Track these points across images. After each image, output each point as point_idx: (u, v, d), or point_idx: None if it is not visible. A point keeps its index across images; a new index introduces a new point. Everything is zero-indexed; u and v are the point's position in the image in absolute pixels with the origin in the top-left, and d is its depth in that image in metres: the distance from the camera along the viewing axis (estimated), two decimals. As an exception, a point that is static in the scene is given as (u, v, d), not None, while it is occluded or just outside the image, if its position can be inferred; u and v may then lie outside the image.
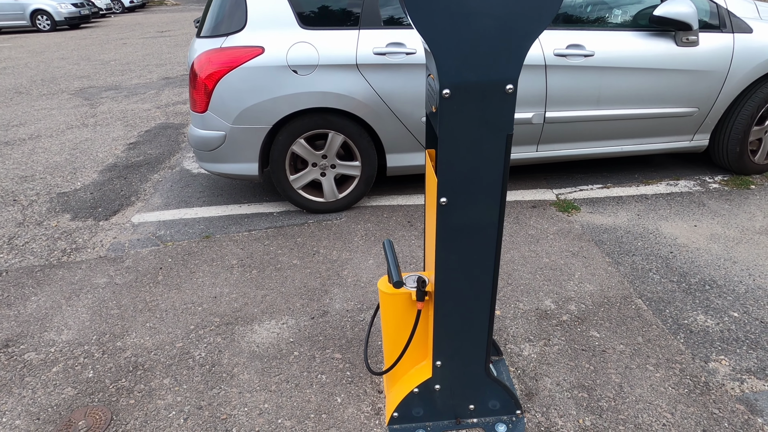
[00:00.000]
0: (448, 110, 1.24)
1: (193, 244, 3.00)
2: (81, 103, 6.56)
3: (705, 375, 1.90)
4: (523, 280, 2.51)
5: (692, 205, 3.16)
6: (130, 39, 13.17)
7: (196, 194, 3.68)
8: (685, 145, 3.32)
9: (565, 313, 2.26)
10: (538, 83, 2.94)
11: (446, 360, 1.63)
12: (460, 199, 1.35)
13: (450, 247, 1.42)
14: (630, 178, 3.57)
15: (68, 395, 1.95)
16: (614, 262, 2.62)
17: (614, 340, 2.09)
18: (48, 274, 2.77)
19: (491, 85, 1.22)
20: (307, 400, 1.88)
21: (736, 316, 2.20)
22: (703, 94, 3.08)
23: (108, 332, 2.29)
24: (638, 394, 1.83)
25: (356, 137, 3.02)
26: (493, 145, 1.29)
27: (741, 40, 3.00)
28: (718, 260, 2.60)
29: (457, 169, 1.31)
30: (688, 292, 2.37)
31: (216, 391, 1.94)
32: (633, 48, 2.94)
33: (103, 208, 3.54)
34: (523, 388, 1.89)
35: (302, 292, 2.50)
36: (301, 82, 2.84)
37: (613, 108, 3.06)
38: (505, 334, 2.16)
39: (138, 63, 9.41)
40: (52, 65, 9.53)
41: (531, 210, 3.19)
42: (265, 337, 2.21)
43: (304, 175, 3.12)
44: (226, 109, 2.90)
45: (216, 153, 3.03)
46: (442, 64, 1.20)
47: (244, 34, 2.86)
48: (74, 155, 4.61)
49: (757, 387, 1.84)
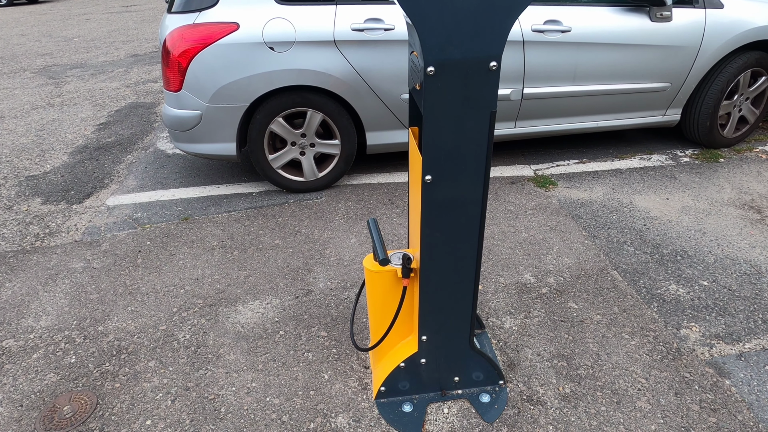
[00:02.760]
0: (433, 88, 1.25)
1: (171, 226, 2.96)
2: (45, 82, 6.31)
3: (677, 341, 1.99)
4: (504, 255, 2.56)
5: (664, 178, 3.25)
6: (93, 14, 12.63)
7: (172, 175, 3.61)
8: (658, 120, 3.39)
9: (544, 286, 2.33)
10: (516, 59, 2.95)
11: (432, 334, 1.67)
12: (445, 176, 1.37)
13: (435, 224, 1.44)
14: (605, 153, 3.64)
15: (51, 381, 1.93)
16: (591, 236, 2.69)
17: (591, 310, 2.17)
18: (21, 259, 2.70)
19: (475, 62, 1.23)
20: (294, 378, 1.90)
21: (705, 285, 2.30)
22: (676, 69, 3.14)
23: (88, 317, 2.26)
24: (614, 361, 1.91)
25: (335, 115, 2.99)
26: (477, 123, 1.30)
27: (712, 16, 3.05)
28: (688, 232, 2.70)
29: (442, 147, 1.32)
30: (660, 262, 2.46)
31: (203, 372, 1.95)
32: (609, 23, 2.97)
33: (76, 191, 3.45)
34: (505, 359, 1.95)
35: (285, 271, 2.50)
36: (277, 60, 2.79)
37: (588, 84, 3.10)
38: (486, 308, 2.21)
39: (103, 40, 9.06)
40: (11, 42, 9.11)
41: (509, 186, 3.23)
42: (250, 317, 2.21)
43: (283, 154, 3.09)
44: (201, 88, 2.83)
45: (192, 133, 2.97)
46: (426, 41, 1.20)
47: (218, 10, 2.78)
48: (41, 137, 4.45)
49: (725, 351, 1.94)
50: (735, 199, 2.98)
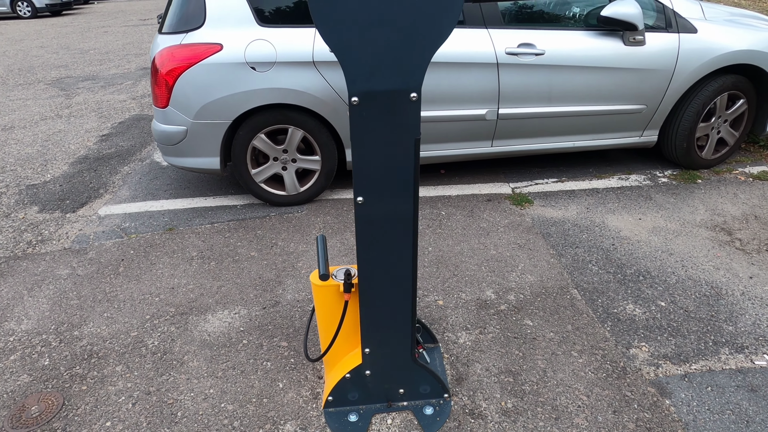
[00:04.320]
0: (358, 116, 1.34)
1: (156, 236, 3.08)
2: (57, 93, 6.56)
3: (624, 360, 2.04)
4: (469, 272, 2.62)
5: (640, 198, 3.29)
6: (111, 27, 13.05)
7: (163, 186, 3.75)
8: (635, 141, 3.44)
9: (503, 303, 2.39)
10: (490, 81, 3.03)
11: (374, 347, 1.75)
12: (375, 198, 1.45)
13: (369, 242, 1.53)
14: (584, 172, 3.69)
15: (23, 382, 2.05)
16: (557, 254, 2.74)
17: (546, 328, 2.22)
18: (12, 265, 2.84)
19: (397, 94, 1.32)
20: (250, 386, 1.99)
21: (663, 306, 2.34)
22: (651, 91, 3.19)
23: (66, 322, 2.37)
24: (560, 378, 1.96)
25: (315, 132, 3.11)
26: (403, 149, 1.39)
27: (686, 40, 3.11)
28: (655, 252, 2.73)
29: (371, 171, 1.41)
30: (622, 282, 2.50)
31: (165, 377, 2.04)
32: (582, 47, 3.05)
33: (71, 200, 3.60)
34: (455, 373, 2.01)
35: (257, 283, 2.60)
36: (259, 79, 2.91)
37: (564, 105, 3.17)
38: (444, 323, 2.28)
39: (117, 52, 9.37)
40: (31, 54, 9.46)
41: (486, 203, 3.30)
42: (217, 326, 2.31)
43: (265, 169, 3.21)
44: (186, 105, 2.97)
45: (178, 147, 3.10)
46: (350, 73, 1.29)
47: (204, 31, 2.92)
48: (46, 147, 4.64)
49: (671, 371, 1.98)
50: (707, 221, 3.01)
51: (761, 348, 2.08)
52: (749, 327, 2.19)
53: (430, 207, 3.28)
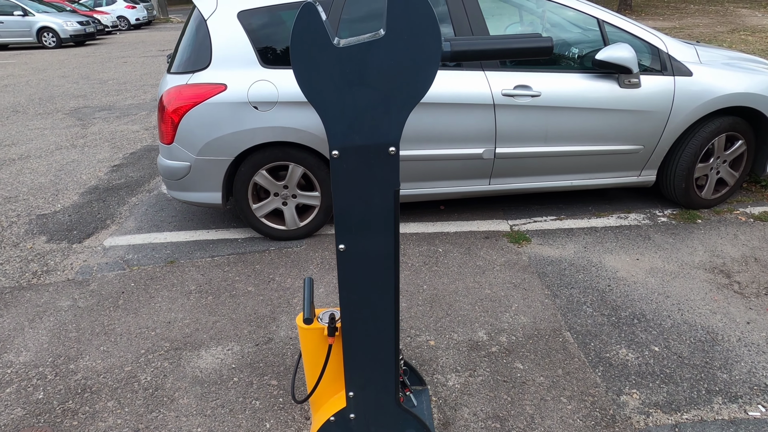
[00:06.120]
0: (338, 168, 1.39)
1: (157, 269, 3.14)
2: (74, 123, 6.77)
3: (614, 408, 2.01)
4: (463, 311, 2.63)
5: (638, 238, 3.28)
6: (131, 57, 13.49)
7: (168, 218, 3.83)
8: (633, 180, 3.45)
9: (495, 345, 2.38)
10: (487, 121, 3.09)
11: (358, 391, 1.76)
12: (356, 245, 1.49)
13: (350, 288, 1.56)
14: (584, 210, 3.70)
15: (17, 415, 2.08)
16: (552, 295, 2.74)
17: (536, 372, 2.21)
18: (16, 296, 2.91)
19: (375, 148, 1.37)
20: (238, 425, 2.00)
21: (656, 351, 2.31)
22: (647, 132, 3.22)
23: (63, 354, 2.42)
24: (547, 425, 1.94)
25: (315, 169, 3.17)
26: (382, 199, 1.43)
27: (681, 83, 3.15)
28: (651, 294, 2.72)
29: (351, 220, 1.45)
30: (616, 325, 2.49)
31: (155, 414, 2.07)
32: (578, 89, 3.10)
33: (78, 230, 3.69)
34: (442, 417, 2.00)
35: (252, 318, 2.63)
36: (261, 118, 3.01)
37: (560, 145, 3.21)
38: (434, 364, 2.28)
39: (135, 83, 9.67)
40: (52, 83, 9.80)
41: (483, 241, 3.32)
42: (210, 362, 2.34)
43: (266, 204, 3.27)
44: (191, 141, 3.06)
45: (182, 182, 3.19)
46: (330, 129, 1.35)
47: (209, 72, 3.03)
48: (59, 177, 4.78)
49: (661, 421, 1.95)
50: (706, 262, 2.99)
51: (756, 398, 2.04)
52: (744, 375, 2.16)
53: (428, 244, 3.30)
